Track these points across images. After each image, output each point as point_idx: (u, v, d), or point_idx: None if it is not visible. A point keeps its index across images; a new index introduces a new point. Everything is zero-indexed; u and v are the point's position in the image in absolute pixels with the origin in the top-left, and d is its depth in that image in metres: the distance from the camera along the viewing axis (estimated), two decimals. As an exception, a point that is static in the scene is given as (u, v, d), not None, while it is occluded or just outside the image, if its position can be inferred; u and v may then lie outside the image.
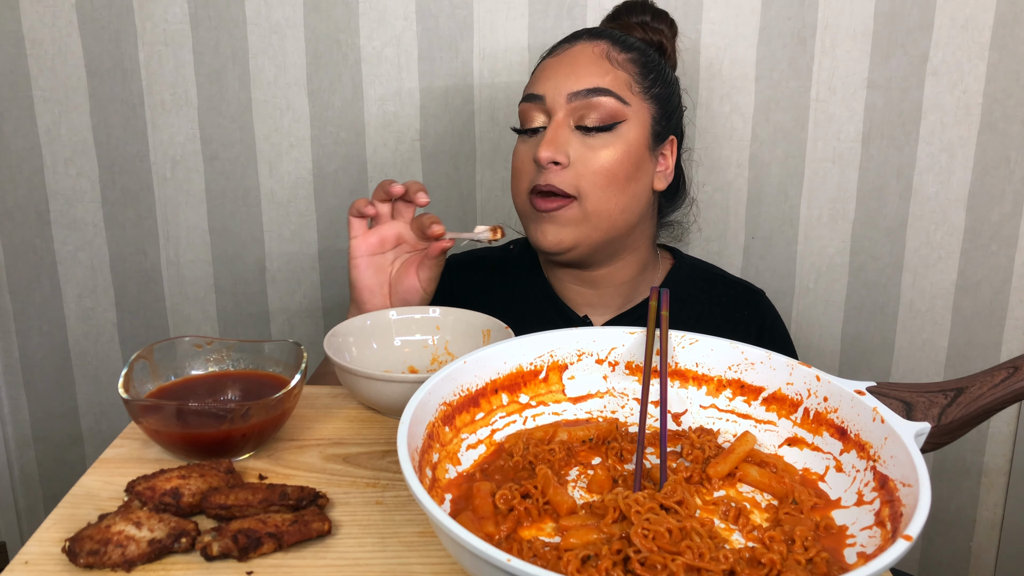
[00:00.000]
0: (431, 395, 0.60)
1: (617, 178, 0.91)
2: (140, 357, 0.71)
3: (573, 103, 0.91)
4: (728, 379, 0.69)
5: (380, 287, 0.92)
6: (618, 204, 0.92)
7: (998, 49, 1.21)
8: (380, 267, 0.92)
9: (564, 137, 0.91)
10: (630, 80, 0.93)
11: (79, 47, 1.25)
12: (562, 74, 0.93)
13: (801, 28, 1.23)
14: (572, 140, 0.91)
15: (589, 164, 0.90)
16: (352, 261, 0.91)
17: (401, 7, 1.24)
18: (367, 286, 0.91)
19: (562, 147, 0.91)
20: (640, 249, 1.00)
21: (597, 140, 0.91)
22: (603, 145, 0.91)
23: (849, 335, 1.34)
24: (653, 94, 0.94)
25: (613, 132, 0.91)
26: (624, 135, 0.92)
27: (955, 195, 1.27)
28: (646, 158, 0.94)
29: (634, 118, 0.92)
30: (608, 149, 0.91)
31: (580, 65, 0.93)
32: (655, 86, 0.95)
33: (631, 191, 0.93)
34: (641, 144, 0.93)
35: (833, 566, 0.51)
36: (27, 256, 1.34)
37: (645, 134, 0.93)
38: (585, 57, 0.93)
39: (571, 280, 1.02)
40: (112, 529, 0.55)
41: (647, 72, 0.94)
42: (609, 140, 0.91)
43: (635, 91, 0.93)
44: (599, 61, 0.92)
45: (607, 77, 0.92)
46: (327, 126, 1.29)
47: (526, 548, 0.52)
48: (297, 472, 0.67)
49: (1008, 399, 0.61)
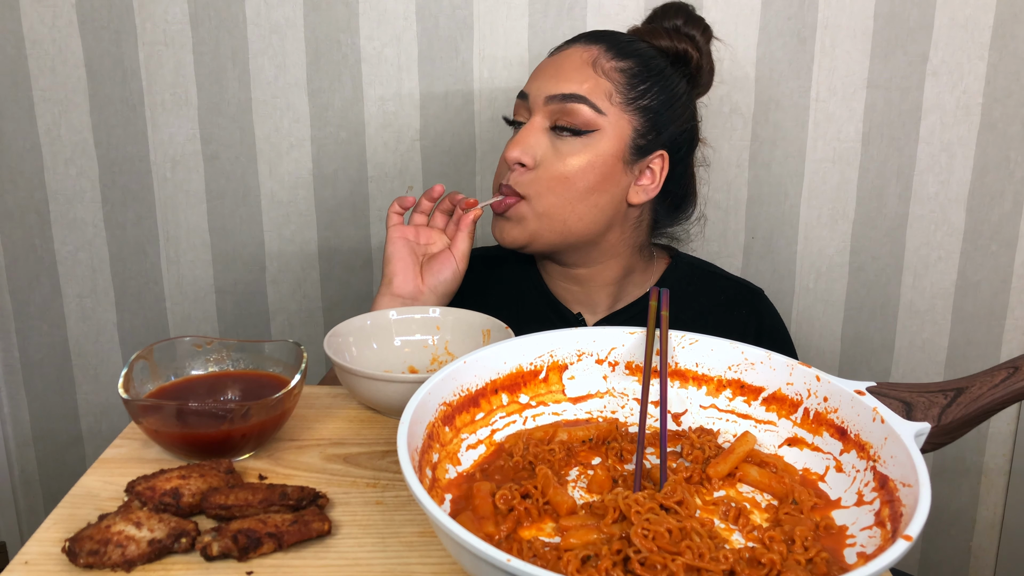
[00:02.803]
0: (431, 395, 0.60)
1: (574, 186, 0.91)
2: (140, 357, 0.71)
3: (550, 106, 0.92)
4: (728, 379, 0.69)
5: (414, 264, 0.96)
6: (574, 211, 0.92)
7: (998, 49, 1.21)
8: (413, 249, 0.97)
9: (535, 139, 0.92)
10: (612, 90, 0.92)
11: (79, 47, 1.25)
12: (547, 76, 0.93)
13: (801, 28, 1.23)
14: (543, 142, 0.92)
15: (550, 168, 0.91)
16: (390, 236, 0.96)
17: (401, 7, 1.24)
18: (402, 258, 0.95)
19: (530, 148, 0.92)
20: (621, 255, 1.00)
21: (566, 145, 0.91)
22: (570, 152, 0.91)
23: (849, 335, 1.34)
24: (640, 106, 0.93)
25: (583, 140, 0.91)
26: (594, 145, 0.91)
27: (955, 195, 1.27)
28: (618, 171, 0.93)
29: (609, 129, 0.91)
30: (574, 157, 0.91)
31: (564, 69, 0.93)
32: (644, 98, 0.93)
33: (592, 201, 0.92)
34: (613, 156, 0.92)
35: (833, 566, 0.51)
36: (27, 256, 1.34)
37: (621, 146, 0.92)
38: (571, 62, 0.93)
39: (560, 277, 1.03)
40: (112, 529, 0.55)
41: (638, 83, 0.93)
42: (577, 148, 0.91)
43: (615, 101, 0.92)
44: (583, 67, 0.92)
45: (586, 84, 0.91)
46: (327, 126, 1.29)
47: (526, 548, 0.52)
48: (297, 472, 0.67)
49: (1008, 399, 0.61)
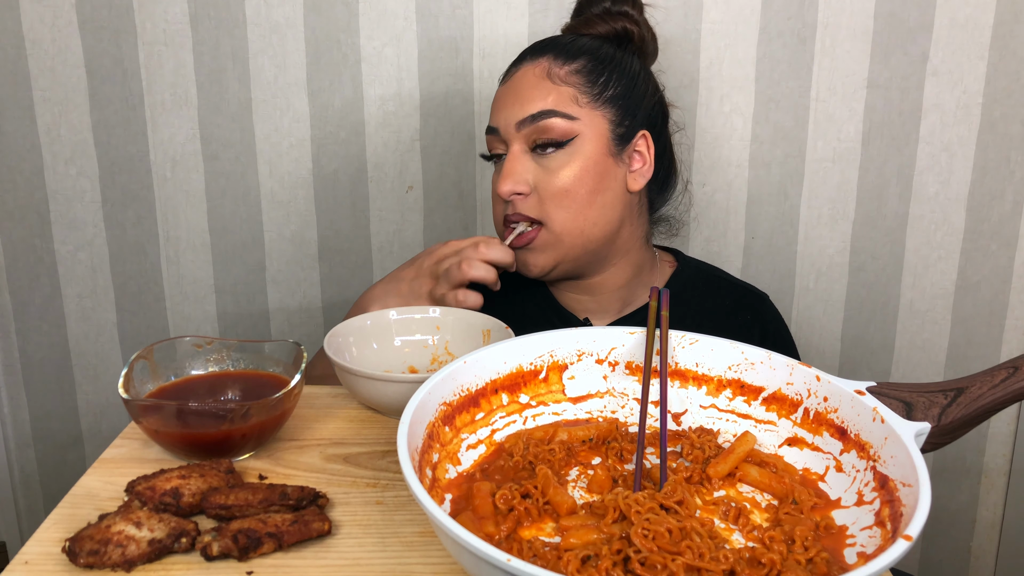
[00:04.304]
0: (431, 395, 0.60)
1: (578, 195, 0.91)
2: (140, 357, 0.71)
3: (523, 130, 0.92)
4: (728, 379, 0.69)
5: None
6: (587, 219, 0.93)
7: (998, 49, 1.21)
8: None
9: (522, 166, 0.92)
10: (575, 93, 0.92)
11: (79, 47, 1.25)
12: (508, 103, 0.94)
13: (801, 28, 1.23)
14: (530, 166, 0.93)
15: (548, 187, 0.92)
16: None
17: (401, 7, 1.24)
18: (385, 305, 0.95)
19: (520, 177, 0.92)
20: (632, 251, 1.00)
21: (553, 161, 0.92)
22: (559, 165, 0.91)
23: (849, 335, 1.34)
24: (606, 98, 0.93)
25: (566, 150, 0.91)
26: (579, 150, 0.91)
27: (955, 195, 1.27)
28: (610, 165, 0.93)
29: (587, 131, 0.92)
30: (565, 169, 0.91)
31: (522, 91, 0.93)
32: (608, 88, 0.93)
33: (598, 203, 0.93)
34: (600, 154, 0.92)
35: (833, 566, 0.51)
36: (27, 256, 1.34)
37: (603, 142, 0.93)
38: (527, 81, 0.93)
39: (568, 289, 1.03)
40: (112, 529, 0.55)
41: (596, 77, 0.93)
42: (564, 159, 0.91)
43: (583, 103, 0.92)
44: (540, 83, 0.92)
45: (550, 98, 0.91)
46: (327, 126, 1.29)
47: (526, 548, 0.52)
48: (297, 472, 0.67)
49: (1008, 399, 0.61)
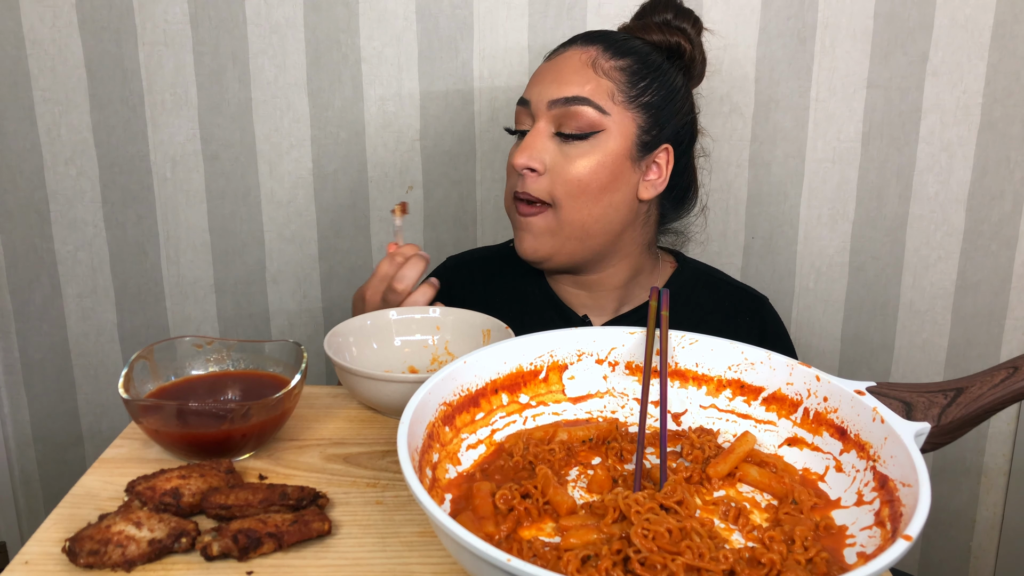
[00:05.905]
0: (431, 395, 0.60)
1: (590, 188, 0.91)
2: (140, 357, 0.71)
3: (553, 110, 0.92)
4: (728, 379, 0.69)
5: None
6: (591, 214, 0.93)
7: (998, 49, 1.21)
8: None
9: (541, 144, 0.92)
10: (614, 89, 0.92)
11: (79, 47, 1.25)
12: (547, 80, 0.93)
13: (801, 28, 1.23)
14: (550, 147, 0.92)
15: (562, 173, 0.91)
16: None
17: (401, 7, 1.24)
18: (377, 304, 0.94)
19: (537, 154, 0.92)
20: (632, 255, 1.00)
21: (573, 149, 0.92)
22: (579, 154, 0.91)
23: (849, 335, 1.34)
24: (642, 102, 0.93)
25: (590, 141, 0.91)
26: (602, 145, 0.91)
27: (955, 195, 1.27)
28: (627, 168, 0.93)
29: (614, 128, 0.92)
30: (583, 159, 0.91)
31: (564, 72, 0.93)
32: (645, 94, 0.93)
33: (606, 201, 0.93)
34: (620, 154, 0.92)
35: (833, 566, 0.51)
36: (27, 256, 1.34)
37: (627, 144, 0.93)
38: (571, 64, 0.93)
39: (567, 283, 1.03)
40: (112, 529, 0.55)
41: (638, 80, 0.93)
42: (585, 149, 0.91)
43: (618, 100, 0.92)
44: (583, 69, 0.92)
45: (588, 86, 0.91)
46: (327, 126, 1.29)
47: (526, 548, 0.52)
48: (297, 472, 0.67)
49: (1008, 399, 0.61)
